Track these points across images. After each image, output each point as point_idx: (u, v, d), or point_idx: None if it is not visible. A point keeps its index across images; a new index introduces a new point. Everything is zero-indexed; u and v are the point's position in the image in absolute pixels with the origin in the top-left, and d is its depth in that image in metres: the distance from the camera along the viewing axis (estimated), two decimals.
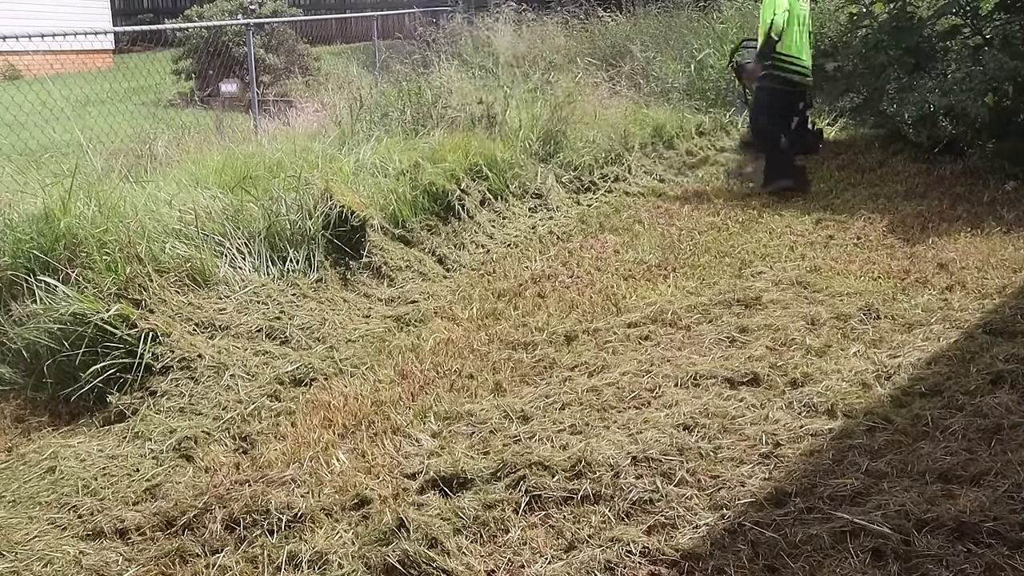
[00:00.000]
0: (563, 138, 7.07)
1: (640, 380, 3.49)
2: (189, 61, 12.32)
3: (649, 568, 2.39)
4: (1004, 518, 2.42)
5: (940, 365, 3.44)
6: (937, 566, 2.27)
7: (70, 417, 3.48)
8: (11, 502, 2.91)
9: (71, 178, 4.33)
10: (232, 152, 6.00)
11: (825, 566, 2.32)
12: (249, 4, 13.61)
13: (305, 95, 10.83)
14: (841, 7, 9.47)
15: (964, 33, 7.55)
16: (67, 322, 3.63)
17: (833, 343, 3.74)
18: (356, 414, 3.37)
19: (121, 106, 8.44)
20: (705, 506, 2.63)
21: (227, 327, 3.94)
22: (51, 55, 7.76)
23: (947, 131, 6.96)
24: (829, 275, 4.63)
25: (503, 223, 5.93)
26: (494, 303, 4.56)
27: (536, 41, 11.55)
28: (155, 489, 2.95)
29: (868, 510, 2.51)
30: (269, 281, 4.40)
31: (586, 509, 2.64)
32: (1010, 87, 6.59)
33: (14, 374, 3.69)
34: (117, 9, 19.70)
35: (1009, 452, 2.77)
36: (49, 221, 4.09)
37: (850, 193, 6.42)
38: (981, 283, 4.34)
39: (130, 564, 2.57)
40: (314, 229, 4.73)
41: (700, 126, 8.41)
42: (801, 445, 2.93)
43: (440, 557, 2.44)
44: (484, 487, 2.78)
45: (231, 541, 2.63)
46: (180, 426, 3.30)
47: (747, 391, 3.34)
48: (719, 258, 5.09)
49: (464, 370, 3.74)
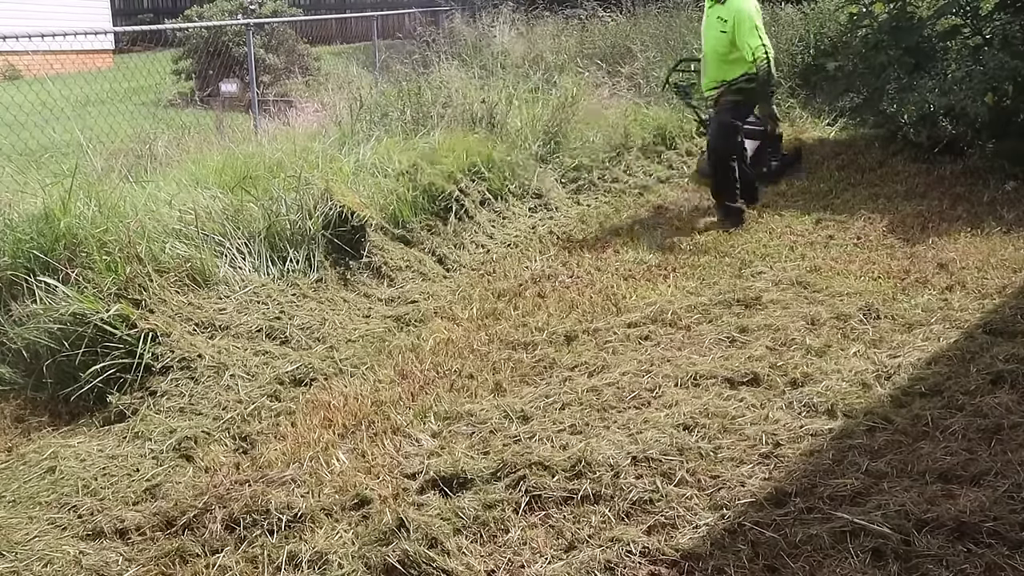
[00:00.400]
0: (563, 138, 7.08)
1: (640, 380, 3.49)
2: (189, 61, 12.32)
3: (649, 568, 2.39)
4: (1004, 518, 2.42)
5: (940, 365, 3.44)
6: (937, 566, 2.27)
7: (70, 417, 3.48)
8: (11, 502, 2.91)
9: (71, 178, 4.33)
10: (232, 152, 5.99)
11: (825, 566, 2.32)
12: (249, 4, 13.61)
13: (305, 95, 10.83)
14: (841, 7, 9.49)
15: (964, 33, 7.55)
16: (67, 322, 3.63)
17: (833, 343, 3.74)
18: (356, 414, 3.37)
19: (121, 106, 8.43)
20: (705, 506, 2.63)
21: (227, 327, 3.94)
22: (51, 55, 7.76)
23: (947, 131, 6.95)
24: (829, 275, 4.63)
25: (503, 223, 5.93)
26: (494, 303, 4.56)
27: (536, 41, 11.54)
28: (155, 489, 2.95)
29: (868, 510, 2.51)
30: (269, 281, 4.40)
31: (586, 509, 2.64)
32: (1010, 87, 6.59)
33: (14, 374, 3.69)
34: (117, 9, 19.70)
35: (1009, 452, 2.77)
36: (49, 221, 4.09)
37: (850, 193, 6.42)
38: (981, 283, 4.34)
39: (130, 564, 2.57)
40: (314, 229, 4.73)
41: (700, 126, 8.40)
42: (801, 445, 2.93)
43: (440, 557, 2.44)
44: (484, 487, 2.78)
45: (231, 541, 2.63)
46: (180, 426, 3.30)
47: (747, 391, 3.34)
48: (719, 258, 5.09)
49: (464, 370, 3.74)
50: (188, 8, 14.38)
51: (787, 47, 10.01)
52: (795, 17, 10.56)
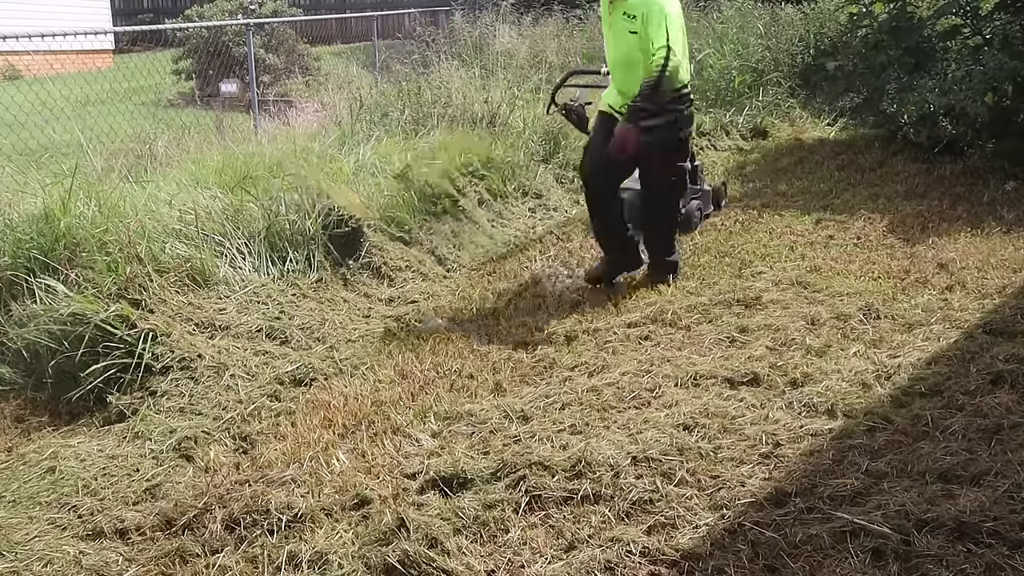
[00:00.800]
0: (563, 138, 7.08)
1: (640, 380, 3.49)
2: (189, 61, 12.33)
3: (649, 568, 2.39)
4: (1004, 518, 2.42)
5: (940, 365, 3.44)
6: (937, 566, 2.27)
7: (70, 417, 3.48)
8: (11, 502, 2.91)
9: (71, 178, 4.34)
10: (232, 152, 6.00)
11: (825, 566, 2.32)
12: (249, 4, 13.62)
13: (305, 95, 10.84)
14: (841, 7, 9.48)
15: (964, 33, 7.55)
16: (67, 322, 3.63)
17: (833, 343, 3.74)
18: (356, 414, 3.37)
19: (121, 106, 8.43)
20: (705, 506, 2.63)
21: (227, 327, 3.95)
22: (51, 55, 7.76)
23: (947, 131, 6.95)
24: (829, 275, 4.63)
25: (503, 223, 5.93)
26: (494, 303, 4.57)
27: (537, 41, 11.54)
28: (155, 489, 2.95)
29: (868, 510, 2.51)
30: (269, 281, 4.40)
31: (586, 509, 2.64)
32: (1010, 87, 6.59)
33: (14, 374, 3.70)
34: (117, 9, 19.71)
35: (1009, 452, 2.77)
36: (49, 221, 4.09)
37: (850, 193, 6.42)
38: (981, 283, 4.34)
39: (130, 564, 2.57)
40: (314, 229, 4.73)
41: (700, 126, 8.41)
42: (801, 445, 2.92)
43: (440, 557, 2.44)
44: (484, 487, 2.78)
45: (231, 541, 2.63)
46: (180, 426, 3.30)
47: (747, 391, 3.34)
48: (719, 258, 5.09)
49: (464, 370, 3.74)
50: (188, 8, 14.38)
51: (787, 47, 10.02)
52: (795, 17, 10.57)
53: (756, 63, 9.64)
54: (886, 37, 7.80)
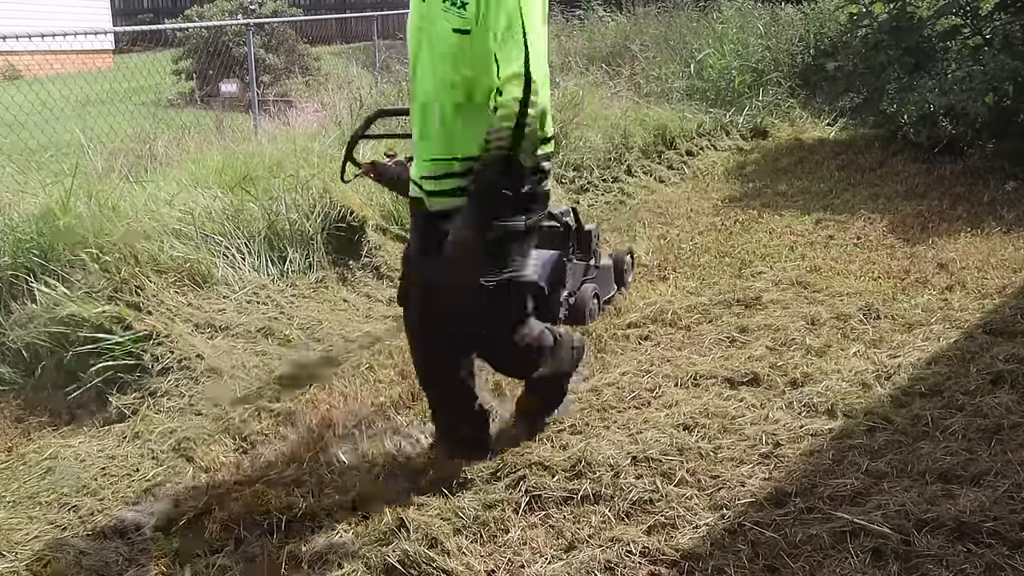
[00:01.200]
0: (563, 138, 7.07)
1: (640, 380, 3.49)
2: (189, 61, 12.33)
3: (649, 568, 2.39)
4: (1004, 518, 2.42)
5: (940, 365, 3.44)
6: (937, 566, 2.27)
7: (70, 417, 3.48)
8: (11, 502, 2.91)
9: (71, 178, 4.34)
10: (232, 152, 5.99)
11: (825, 566, 2.32)
12: (249, 4, 13.62)
13: (305, 95, 10.83)
14: (841, 7, 9.48)
15: (964, 33, 7.55)
16: (66, 322, 3.63)
17: (833, 343, 3.74)
18: (356, 414, 3.37)
19: (121, 106, 8.42)
20: (705, 506, 2.62)
21: (227, 327, 3.95)
22: (51, 55, 7.75)
23: (947, 131, 6.96)
24: (829, 275, 4.63)
25: None
26: None
27: None
28: (155, 489, 2.95)
29: (868, 510, 2.51)
30: (269, 281, 4.40)
31: (586, 509, 2.64)
32: (1010, 87, 6.59)
33: (14, 374, 3.70)
34: (117, 9, 19.71)
35: (1009, 452, 2.77)
36: (49, 221, 4.09)
37: (850, 193, 6.42)
38: (981, 283, 4.34)
39: (130, 564, 2.57)
40: (314, 229, 4.73)
41: (700, 126, 8.41)
42: (801, 445, 2.92)
43: (440, 557, 2.44)
44: (484, 487, 2.78)
45: (231, 541, 2.63)
46: (180, 426, 3.30)
47: (747, 391, 3.34)
48: (719, 258, 5.09)
49: None
50: (188, 8, 14.39)
51: (787, 47, 10.02)
52: (795, 17, 10.57)
53: (756, 63, 9.64)
54: (886, 37, 7.80)
